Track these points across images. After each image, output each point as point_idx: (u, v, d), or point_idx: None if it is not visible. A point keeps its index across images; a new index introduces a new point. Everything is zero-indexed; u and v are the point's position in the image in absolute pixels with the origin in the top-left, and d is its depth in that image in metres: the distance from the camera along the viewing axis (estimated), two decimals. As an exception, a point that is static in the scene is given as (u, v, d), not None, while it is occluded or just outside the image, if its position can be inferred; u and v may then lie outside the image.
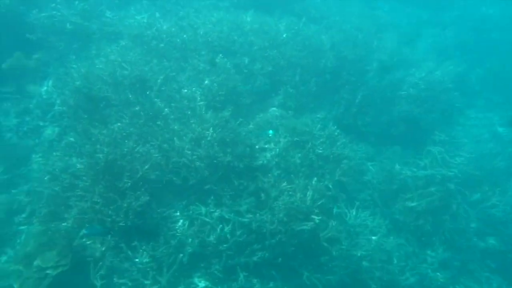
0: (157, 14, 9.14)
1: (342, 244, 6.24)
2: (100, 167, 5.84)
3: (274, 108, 8.30)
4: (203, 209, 6.33)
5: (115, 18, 9.23)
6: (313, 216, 6.09)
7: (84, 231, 5.46)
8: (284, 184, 6.62)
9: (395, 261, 6.80)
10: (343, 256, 6.15)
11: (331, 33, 10.00)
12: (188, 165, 6.42)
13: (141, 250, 5.74)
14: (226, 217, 6.29)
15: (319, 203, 6.28)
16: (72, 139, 6.94)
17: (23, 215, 6.73)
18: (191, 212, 6.25)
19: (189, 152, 6.46)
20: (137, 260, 5.68)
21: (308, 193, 6.32)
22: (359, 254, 6.17)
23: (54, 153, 6.88)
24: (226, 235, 6.14)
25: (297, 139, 7.53)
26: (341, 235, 6.32)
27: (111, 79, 7.28)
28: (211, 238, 6.05)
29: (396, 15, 13.09)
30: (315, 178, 6.63)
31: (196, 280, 5.92)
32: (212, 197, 6.53)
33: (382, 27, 11.26)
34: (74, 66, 7.78)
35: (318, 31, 9.95)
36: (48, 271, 5.23)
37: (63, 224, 5.61)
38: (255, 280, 6.11)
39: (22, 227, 6.57)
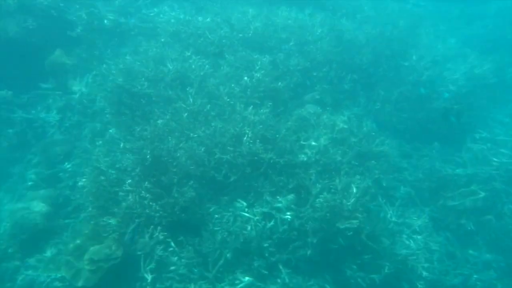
0: (193, 11, 9.16)
1: (386, 243, 6.18)
2: (147, 163, 5.93)
3: (310, 105, 8.22)
4: (246, 206, 6.37)
5: (151, 15, 9.33)
6: (357, 214, 6.05)
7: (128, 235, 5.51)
8: (326, 181, 6.60)
9: (437, 261, 6.68)
10: (387, 255, 6.08)
11: (365, 28, 9.84)
12: (230, 162, 6.46)
13: (187, 245, 5.83)
14: (268, 214, 6.32)
15: (362, 201, 6.23)
16: (115, 135, 7.07)
17: (69, 209, 6.92)
18: (234, 208, 6.29)
19: (232, 148, 6.49)
20: (183, 255, 5.77)
21: (351, 190, 6.27)
22: (403, 253, 6.09)
23: (98, 149, 7.03)
24: (269, 232, 6.18)
25: (337, 136, 7.48)
26: (385, 233, 6.26)
27: (152, 76, 7.36)
28: (254, 234, 6.09)
29: (430, 9, 12.78)
30: (358, 176, 6.56)
31: (239, 276, 5.95)
32: (252, 194, 6.58)
33: (416, 21, 10.98)
34: (114, 62, 7.90)
35: (352, 26, 9.80)
36: (100, 264, 5.35)
37: (112, 218, 5.71)
38: (297, 277, 6.12)
39: (68, 221, 6.75)
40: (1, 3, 7.97)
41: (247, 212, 6.28)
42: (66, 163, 7.44)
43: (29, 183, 7.47)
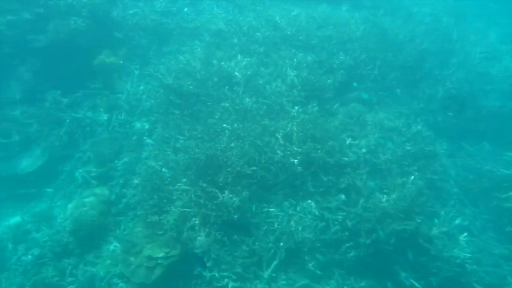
0: (236, 10, 9.17)
1: (442, 245, 6.03)
2: (202, 163, 5.97)
3: (355, 103, 8.11)
4: (296, 205, 6.34)
5: (192, 14, 9.38)
6: (414, 216, 5.93)
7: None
8: (377, 181, 6.50)
9: (494, 264, 6.48)
10: (444, 257, 5.93)
11: (408, 25, 9.63)
12: (280, 161, 6.43)
13: (242, 245, 5.85)
14: (319, 214, 6.27)
15: (418, 202, 6.10)
16: (164, 134, 7.14)
17: (120, 206, 7.03)
18: (285, 207, 6.26)
19: (282, 148, 6.46)
20: (238, 254, 5.80)
21: (406, 191, 6.15)
22: (461, 256, 5.92)
23: (148, 148, 7.14)
24: (320, 232, 6.13)
25: (385, 135, 7.36)
26: (441, 235, 6.10)
27: (200, 75, 7.40)
28: (306, 234, 6.05)
29: (472, 4, 12.37)
30: (412, 176, 6.43)
31: (293, 275, 5.94)
32: (301, 193, 6.54)
33: (460, 17, 10.69)
34: (160, 62, 7.99)
35: (395, 23, 9.61)
36: (159, 261, 5.43)
37: (169, 216, 5.78)
38: (350, 278, 6.06)
39: (121, 218, 6.87)
40: (52, 5, 8.18)
41: (299, 212, 6.25)
42: (116, 162, 7.56)
43: (80, 181, 7.63)
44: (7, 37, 8.41)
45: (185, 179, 6.05)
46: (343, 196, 6.48)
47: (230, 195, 5.84)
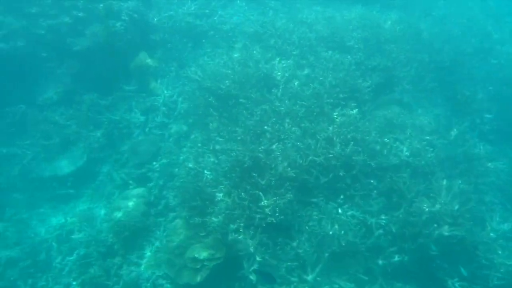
0: (270, 12, 9.17)
1: (492, 252, 5.84)
2: (245, 165, 5.95)
3: (394, 105, 7.97)
4: (338, 208, 6.25)
5: (226, 16, 9.42)
6: (463, 221, 5.77)
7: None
8: (422, 185, 6.35)
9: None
10: (494, 264, 5.75)
11: (444, 25, 9.44)
12: (322, 164, 6.36)
13: (285, 247, 5.80)
14: (361, 217, 6.17)
15: (467, 206, 5.93)
16: (202, 136, 7.17)
17: (160, 208, 7.09)
18: (328, 211, 6.18)
19: (324, 151, 6.39)
20: (282, 257, 5.75)
21: (453, 196, 5.99)
22: (513, 264, 5.73)
23: (187, 149, 7.17)
24: (363, 236, 6.03)
25: (426, 137, 7.20)
26: (491, 242, 5.92)
27: (238, 77, 7.40)
28: (349, 238, 5.95)
29: (509, 5, 12.06)
30: (459, 180, 6.27)
31: (337, 279, 5.86)
32: (342, 196, 6.45)
33: (495, 18, 10.42)
34: (196, 64, 8.03)
35: (430, 23, 9.44)
36: (205, 263, 5.43)
37: (213, 218, 5.77)
38: (394, 284, 5.94)
39: (161, 219, 6.92)
40: (91, 9, 8.33)
41: (341, 215, 6.16)
42: (154, 163, 7.62)
43: (118, 182, 7.73)
44: (47, 41, 8.62)
45: (227, 182, 6.04)
46: (384, 199, 6.38)
47: (274, 198, 5.81)
